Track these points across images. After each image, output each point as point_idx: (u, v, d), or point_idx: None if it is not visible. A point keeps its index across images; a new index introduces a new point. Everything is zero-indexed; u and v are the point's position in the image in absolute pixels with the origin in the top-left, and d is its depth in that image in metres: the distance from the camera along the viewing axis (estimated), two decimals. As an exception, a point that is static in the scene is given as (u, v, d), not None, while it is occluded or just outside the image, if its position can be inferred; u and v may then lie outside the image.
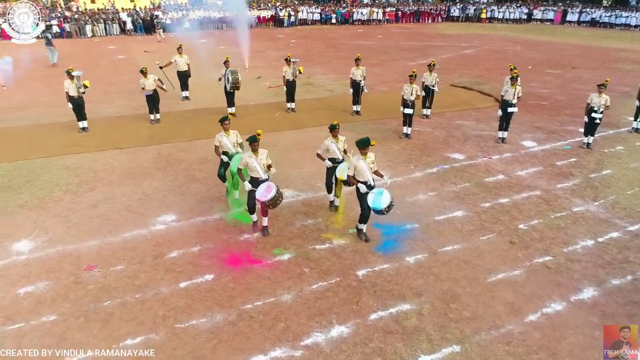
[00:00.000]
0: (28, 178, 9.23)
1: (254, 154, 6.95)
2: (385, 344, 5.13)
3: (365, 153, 6.67)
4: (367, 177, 6.77)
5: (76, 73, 11.27)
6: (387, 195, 6.61)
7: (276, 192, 6.84)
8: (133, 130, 12.00)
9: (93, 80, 13.73)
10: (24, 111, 13.85)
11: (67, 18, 29.00)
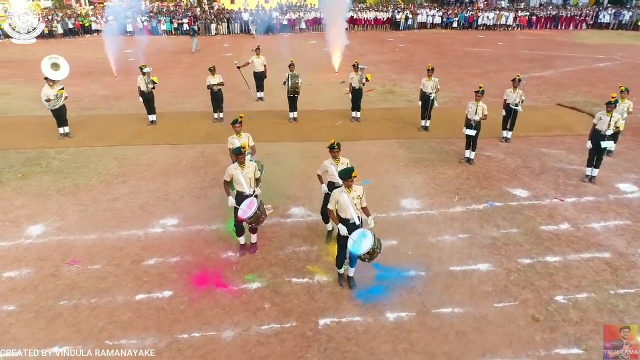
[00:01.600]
0: (80, 164, 9.96)
1: (241, 166, 6.41)
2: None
3: (348, 185, 5.66)
4: (350, 215, 5.75)
5: (147, 69, 11.91)
6: (370, 240, 5.50)
7: (257, 208, 6.24)
8: (194, 127, 12.33)
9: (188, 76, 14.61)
10: (117, 100, 15.22)
11: (196, 17, 31.70)
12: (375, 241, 5.54)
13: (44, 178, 9.32)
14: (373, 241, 5.46)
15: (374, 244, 5.46)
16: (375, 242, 5.50)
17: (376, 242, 5.55)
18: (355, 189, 5.74)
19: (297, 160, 10.11)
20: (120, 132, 11.97)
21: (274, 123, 12.64)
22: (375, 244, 5.50)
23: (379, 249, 5.60)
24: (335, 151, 6.42)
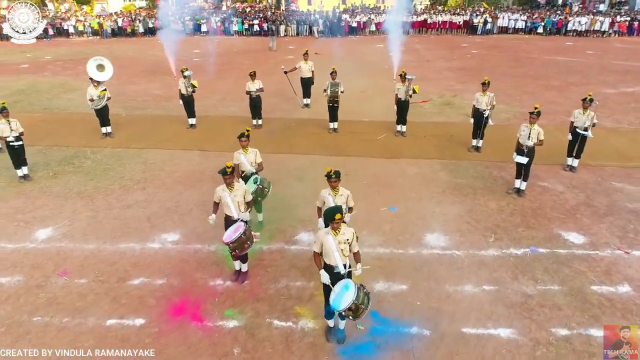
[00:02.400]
0: (109, 167, 9.99)
1: (229, 187, 5.82)
2: None
3: (334, 228, 4.80)
4: (335, 261, 4.89)
5: (187, 73, 11.79)
6: (352, 293, 4.60)
7: (242, 233, 5.62)
8: (229, 134, 11.93)
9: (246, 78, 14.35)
10: (168, 101, 15.40)
11: (267, 18, 31.96)
12: (360, 296, 4.65)
13: (71, 178, 9.42)
14: (356, 295, 4.58)
15: (356, 299, 4.57)
16: (359, 297, 4.62)
17: (361, 297, 4.66)
18: (343, 231, 4.88)
19: (323, 177, 9.31)
20: (158, 134, 11.97)
21: (311, 133, 11.97)
22: (359, 298, 4.61)
23: (366, 306, 4.69)
24: (332, 181, 5.60)
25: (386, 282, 6.16)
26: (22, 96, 16.24)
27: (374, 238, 7.15)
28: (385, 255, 6.72)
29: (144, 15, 34.01)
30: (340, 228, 4.83)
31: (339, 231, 4.83)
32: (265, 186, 7.03)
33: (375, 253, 6.77)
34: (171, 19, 33.22)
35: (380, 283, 6.13)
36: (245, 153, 7.10)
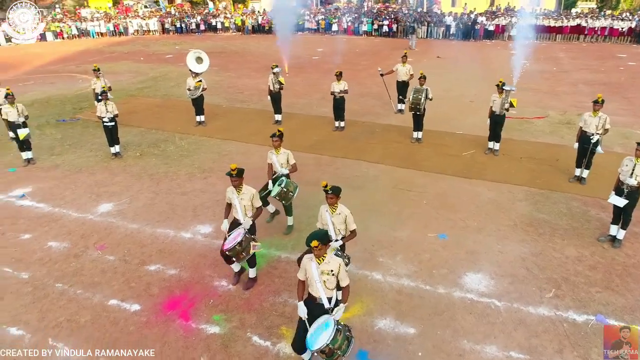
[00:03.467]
0: (187, 153, 10.61)
1: (237, 190, 5.60)
2: None
3: (316, 255, 4.21)
4: (317, 292, 4.31)
5: (276, 69, 11.94)
6: (328, 335, 3.96)
7: (238, 243, 5.38)
8: (311, 133, 11.88)
9: (353, 78, 14.17)
10: (269, 96, 15.86)
11: (397, 19, 31.20)
12: (338, 340, 3.98)
13: (151, 160, 10.22)
14: (332, 339, 3.93)
15: (331, 343, 3.93)
16: (336, 341, 3.96)
17: (339, 341, 3.99)
18: (328, 260, 4.28)
19: (382, 190, 8.63)
20: (244, 128, 12.37)
21: (392, 141, 11.19)
22: (335, 342, 3.95)
23: (343, 352, 4.02)
24: (328, 197, 5.01)
25: (394, 320, 5.35)
26: (152, 82, 18.29)
27: (405, 267, 6.30)
28: (408, 289, 5.86)
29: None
30: (323, 256, 4.25)
31: (322, 259, 4.25)
32: (290, 189, 6.69)
33: (398, 285, 5.95)
34: (305, 18, 34.55)
35: (386, 320, 5.35)
36: (277, 153, 6.93)
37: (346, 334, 4.10)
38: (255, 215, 5.75)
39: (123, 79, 18.98)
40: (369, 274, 6.17)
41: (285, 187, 6.59)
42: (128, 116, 13.52)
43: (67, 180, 9.31)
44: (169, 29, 36.07)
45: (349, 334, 4.14)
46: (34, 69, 22.38)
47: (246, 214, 5.67)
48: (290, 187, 6.72)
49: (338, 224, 5.12)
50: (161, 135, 11.89)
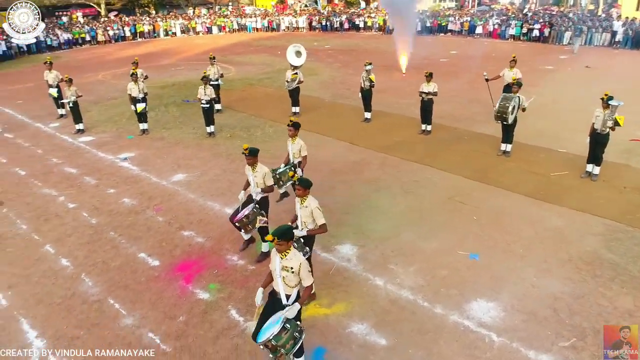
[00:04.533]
0: (269, 140, 11.33)
1: (252, 168, 6.10)
2: None
3: (278, 250, 4.14)
4: (277, 286, 4.28)
5: (368, 67, 11.97)
6: (273, 331, 3.89)
7: (246, 215, 5.87)
8: (393, 133, 11.65)
9: (464, 83, 13.45)
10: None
11: (551, 23, 28.01)
12: (282, 337, 3.91)
13: (236, 142, 11.17)
14: (275, 335, 3.88)
15: (274, 339, 3.87)
16: (280, 339, 3.89)
17: (282, 339, 3.90)
18: (291, 257, 4.15)
19: (434, 198, 8.13)
20: (332, 122, 12.68)
21: (476, 151, 10.34)
22: (278, 339, 3.88)
23: (287, 351, 3.95)
24: (297, 188, 5.08)
25: (371, 328, 5.12)
26: (275, 74, 19.67)
27: (413, 279, 5.93)
28: (403, 302, 5.53)
29: (427, 14, 35.08)
30: (286, 251, 4.14)
31: (285, 255, 4.15)
32: (283, 179, 6.88)
33: (395, 295, 5.64)
34: (449, 20, 33.25)
35: (362, 326, 5.16)
36: (292, 142, 7.19)
37: (295, 334, 3.99)
38: (265, 190, 6.12)
39: (252, 70, 20.83)
40: (372, 278, 5.96)
41: (279, 175, 6.81)
42: (237, 102, 14.93)
43: (163, 151, 10.75)
44: (315, 26, 38.09)
45: (297, 334, 4.02)
46: (189, 56, 25.88)
47: (258, 188, 6.05)
48: (284, 177, 6.87)
49: (304, 216, 5.14)
50: (256, 121, 12.86)
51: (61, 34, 30.95)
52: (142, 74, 13.52)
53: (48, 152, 10.97)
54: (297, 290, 4.25)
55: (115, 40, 34.15)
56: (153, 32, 36.36)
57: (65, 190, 8.77)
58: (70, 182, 9.16)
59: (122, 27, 34.72)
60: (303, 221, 5.20)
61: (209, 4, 51.59)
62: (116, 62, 24.32)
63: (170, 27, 36.87)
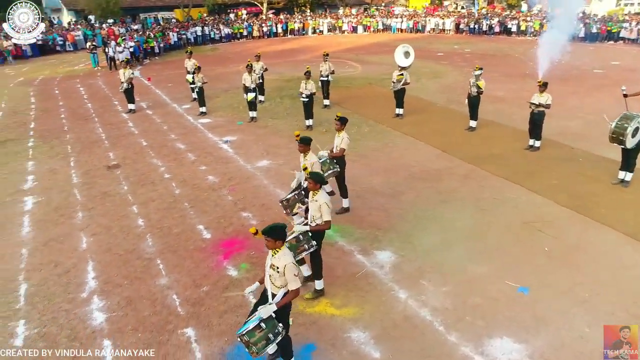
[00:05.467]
0: (360, 138, 11.34)
1: (303, 155, 6.50)
2: None
3: (267, 247, 4.16)
4: (266, 283, 4.30)
5: (477, 72, 11.16)
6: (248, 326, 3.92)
7: (287, 199, 6.17)
8: (494, 146, 10.67)
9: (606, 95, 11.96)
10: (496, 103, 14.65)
11: None
12: (255, 335, 3.89)
13: (328, 137, 11.39)
14: (248, 330, 3.90)
15: (247, 335, 3.89)
16: (251, 334, 3.89)
17: (255, 336, 3.90)
18: (279, 257, 4.09)
19: (507, 220, 7.31)
20: (432, 126, 12.14)
21: (585, 176, 8.90)
22: (251, 335, 3.88)
23: (258, 350, 3.92)
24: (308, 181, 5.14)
25: (371, 338, 4.91)
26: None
27: (440, 300, 5.47)
28: (417, 321, 5.16)
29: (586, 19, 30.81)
30: (275, 250, 4.13)
31: (275, 253, 4.14)
32: (321, 167, 6.79)
33: (412, 311, 5.29)
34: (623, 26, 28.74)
35: (363, 334, 4.97)
36: (337, 135, 7.44)
37: (269, 335, 3.93)
38: (337, 154, 6.56)
39: (377, 69, 20.86)
40: (396, 290, 5.67)
41: (321, 163, 6.81)
42: (347, 99, 15.21)
43: (262, 138, 11.55)
44: (462, 29, 36.37)
45: (272, 336, 3.95)
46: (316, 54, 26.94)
47: (335, 148, 6.51)
48: (324, 166, 6.91)
49: (314, 210, 5.14)
50: (357, 119, 12.94)
51: (223, 28, 34.89)
52: (263, 67, 14.65)
53: (171, 128, 12.65)
54: (283, 291, 4.13)
55: (268, 36, 37.25)
56: (302, 30, 38.70)
57: (168, 162, 10.05)
58: (175, 156, 10.46)
59: (275, 24, 37.67)
60: (312, 215, 5.21)
61: (365, 3, 52.97)
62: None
63: (318, 25, 38.82)
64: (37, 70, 23.23)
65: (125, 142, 11.58)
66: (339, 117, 7.34)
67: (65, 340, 4.95)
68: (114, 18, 39.11)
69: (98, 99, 16.67)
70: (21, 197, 8.52)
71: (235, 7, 47.39)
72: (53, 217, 7.70)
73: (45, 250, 6.72)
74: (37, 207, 8.11)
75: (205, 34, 33.18)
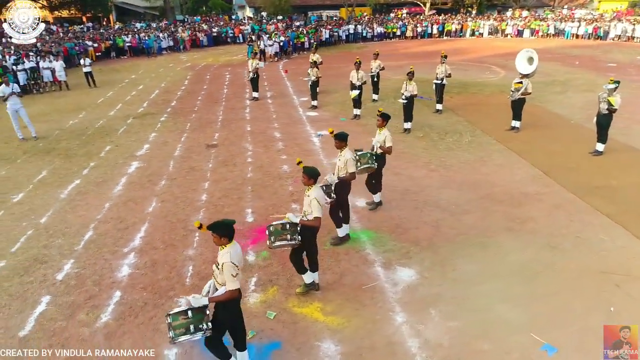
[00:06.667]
0: (455, 147, 10.49)
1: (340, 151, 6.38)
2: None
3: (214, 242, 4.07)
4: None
5: (610, 86, 9.32)
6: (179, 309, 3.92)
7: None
8: (619, 176, 8.82)
9: None
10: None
11: None
12: (178, 319, 3.85)
13: (422, 143, 10.86)
14: (173, 313, 3.89)
15: (172, 318, 3.87)
16: (175, 318, 3.86)
17: (178, 320, 3.85)
18: (222, 253, 4.01)
19: (582, 265, 6.03)
20: (548, 146, 10.51)
21: None
22: (174, 319, 3.86)
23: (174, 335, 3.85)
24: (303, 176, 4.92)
25: (339, 353, 4.61)
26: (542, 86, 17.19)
27: (439, 335, 4.83)
28: (399, 349, 4.65)
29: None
30: (222, 246, 4.02)
31: (222, 249, 4.03)
32: (360, 160, 6.73)
33: (400, 339, 4.77)
34: None
35: (334, 347, 4.69)
36: (379, 132, 7.24)
37: (190, 325, 3.85)
38: (344, 178, 6.21)
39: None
40: (396, 311, 5.18)
41: (358, 156, 6.75)
42: (463, 106, 14.19)
43: (354, 136, 11.15)
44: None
45: (192, 328, 3.86)
46: (473, 57, 25.28)
47: (338, 172, 6.23)
48: (363, 159, 6.80)
49: (306, 205, 5.10)
50: (464, 127, 11.95)
51: (376, 27, 35.22)
52: (379, 66, 14.47)
53: (278, 118, 13.42)
54: (224, 289, 3.98)
55: (422, 37, 36.39)
56: (460, 32, 36.82)
57: (257, 148, 10.71)
58: (267, 143, 11.08)
59: (431, 25, 36.57)
60: (304, 210, 5.07)
61: (546, 5, 47.89)
62: (402, 56, 26.23)
63: (477, 27, 36.48)
64: (203, 58, 26.82)
65: (234, 125, 12.67)
66: (381, 113, 7.18)
67: (90, 283, 5.76)
68: (282, 15, 42.79)
69: (236, 86, 18.51)
70: (131, 161, 10.03)
71: (398, 7, 47.45)
72: (143, 182, 8.89)
73: (121, 207, 7.84)
74: (136, 171, 9.46)
75: (357, 32, 33.94)
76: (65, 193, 8.45)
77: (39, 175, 9.32)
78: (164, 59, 27.57)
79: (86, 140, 11.63)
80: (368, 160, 6.93)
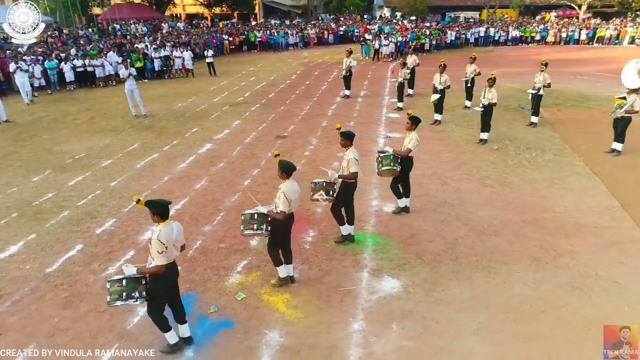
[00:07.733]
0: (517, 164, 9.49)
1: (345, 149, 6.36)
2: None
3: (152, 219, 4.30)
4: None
5: None
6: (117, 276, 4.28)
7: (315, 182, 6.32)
8: None
9: None
10: None
11: None
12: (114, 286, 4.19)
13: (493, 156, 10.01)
14: (112, 280, 4.24)
15: (110, 283, 4.22)
16: (112, 284, 4.21)
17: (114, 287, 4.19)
18: (152, 231, 4.37)
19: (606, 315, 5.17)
20: None
21: None
22: (111, 285, 4.21)
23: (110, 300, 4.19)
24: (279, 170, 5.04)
25: (279, 346, 4.71)
26: None
27: (389, 351, 4.62)
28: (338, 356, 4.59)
29: None
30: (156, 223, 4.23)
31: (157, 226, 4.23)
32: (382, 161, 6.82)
33: (343, 345, 4.70)
34: None
35: (278, 339, 4.79)
36: (407, 135, 7.06)
37: (123, 293, 4.16)
38: (345, 176, 6.19)
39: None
40: (356, 318, 5.06)
41: (381, 157, 6.84)
42: (563, 121, 12.86)
43: (424, 142, 10.89)
44: None
45: (124, 295, 4.16)
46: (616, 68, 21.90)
47: (342, 170, 6.25)
48: (385, 161, 6.80)
49: (276, 197, 5.17)
50: (552, 144, 10.67)
51: (511, 30, 32.56)
52: (475, 71, 13.61)
53: (359, 116, 13.54)
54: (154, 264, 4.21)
55: (566, 43, 32.65)
56: (616, 38, 32.13)
57: (320, 143, 11.00)
58: (332, 139, 11.22)
59: (579, 30, 32.55)
60: (275, 201, 5.23)
61: None
62: (529, 62, 23.91)
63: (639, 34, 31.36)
64: (322, 55, 27.86)
65: (312, 120, 13.11)
66: (410, 116, 6.92)
67: (116, 240, 6.70)
68: (417, 15, 42.02)
69: (336, 83, 18.93)
70: (206, 143, 11.13)
71: (547, 9, 43.12)
72: (205, 162, 9.84)
73: (176, 182, 8.82)
74: (206, 152, 10.48)
75: (488, 35, 31.82)
76: (141, 164, 9.78)
77: (131, 147, 10.90)
78: (288, 54, 29.34)
79: (182, 121, 13.17)
80: (390, 162, 6.77)
